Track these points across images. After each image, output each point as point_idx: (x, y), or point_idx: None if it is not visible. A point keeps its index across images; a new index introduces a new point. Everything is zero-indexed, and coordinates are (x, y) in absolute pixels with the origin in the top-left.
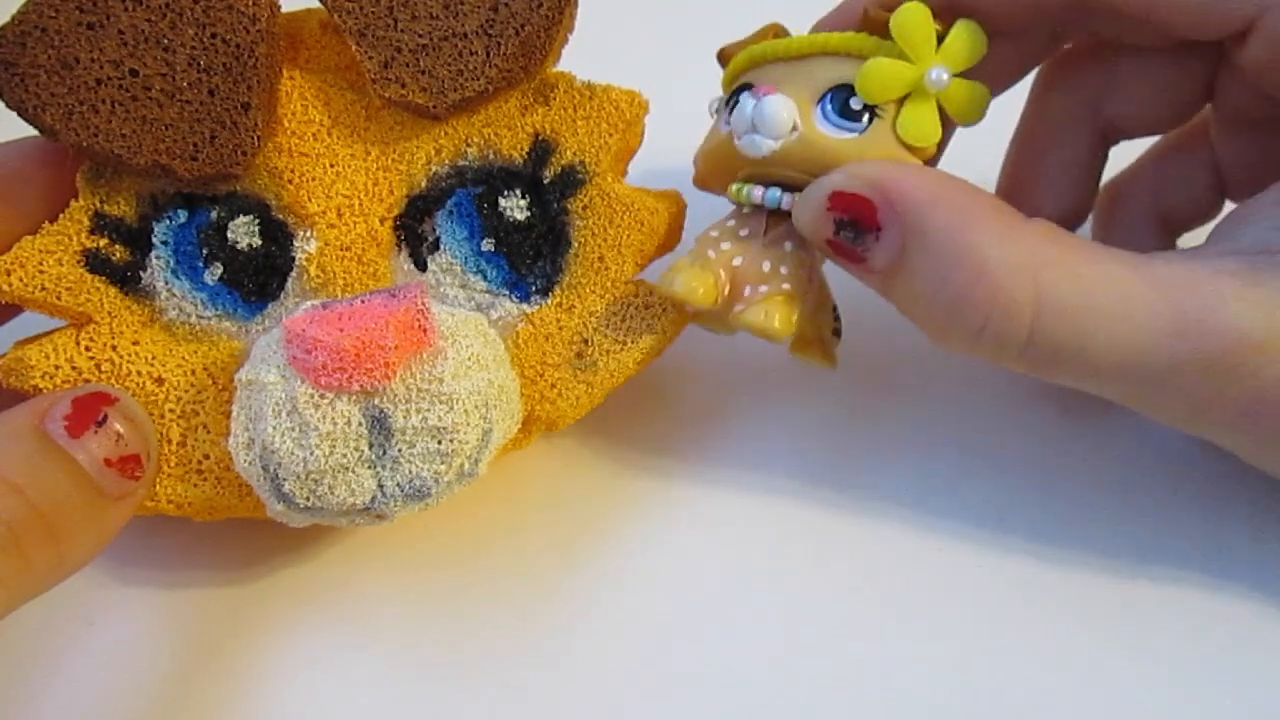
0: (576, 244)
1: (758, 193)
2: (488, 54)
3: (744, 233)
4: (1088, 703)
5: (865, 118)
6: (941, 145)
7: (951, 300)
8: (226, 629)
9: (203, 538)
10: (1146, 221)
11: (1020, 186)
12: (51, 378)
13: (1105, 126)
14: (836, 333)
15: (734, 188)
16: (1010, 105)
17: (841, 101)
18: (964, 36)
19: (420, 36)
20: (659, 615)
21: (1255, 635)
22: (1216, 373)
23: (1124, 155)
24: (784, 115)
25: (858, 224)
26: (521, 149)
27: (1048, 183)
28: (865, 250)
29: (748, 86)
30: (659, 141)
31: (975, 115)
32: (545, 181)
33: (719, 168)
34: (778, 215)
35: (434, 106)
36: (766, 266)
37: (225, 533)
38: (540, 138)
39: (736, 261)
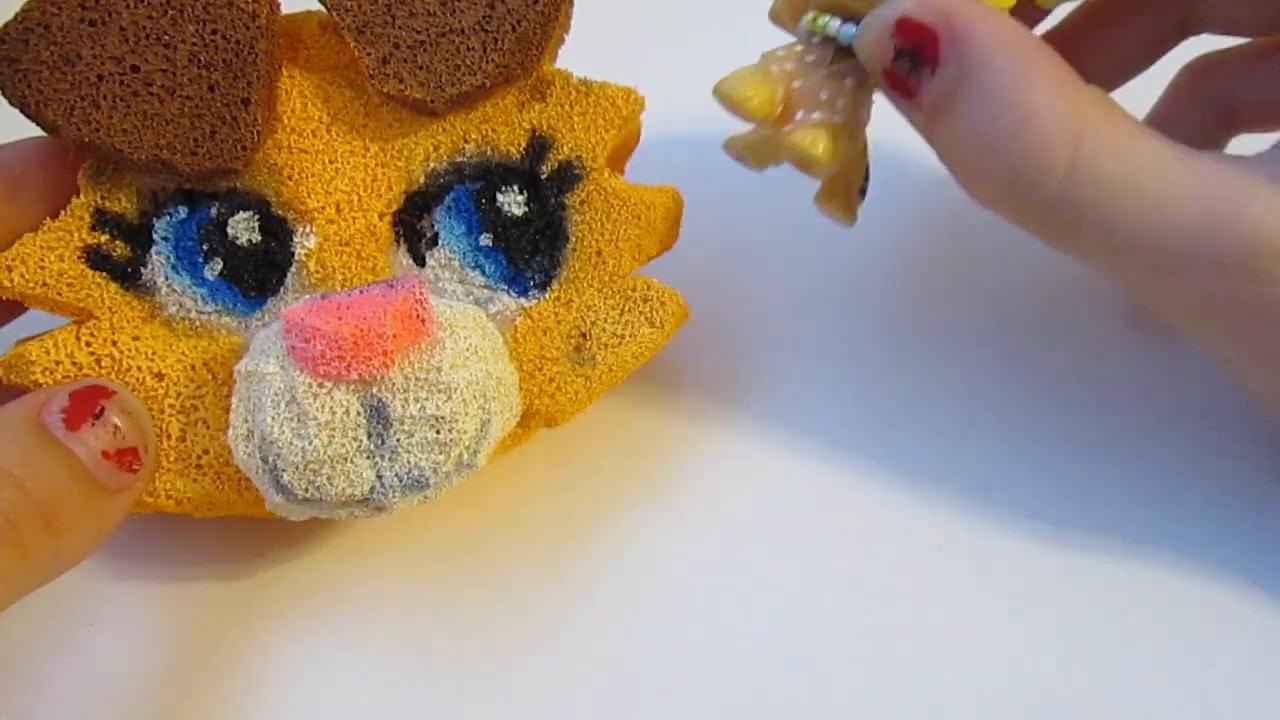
0: (574, 239)
1: (834, 24)
2: (485, 49)
3: (810, 59)
4: (1089, 701)
5: None
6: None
7: (991, 145)
8: (226, 626)
9: (202, 534)
10: (1212, 109)
11: (1078, 39)
12: (51, 373)
13: (1189, 16)
14: (863, 191)
15: (810, 15)
16: None
17: None
18: None
19: (418, 33)
20: (659, 611)
21: (1259, 634)
22: (1232, 271)
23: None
24: None
25: (918, 54)
26: (519, 145)
27: (1107, 45)
28: (918, 83)
29: None
30: (656, 138)
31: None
32: (543, 177)
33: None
34: (845, 50)
35: (432, 101)
36: (825, 95)
37: (225, 529)
38: (537, 134)
39: (796, 84)
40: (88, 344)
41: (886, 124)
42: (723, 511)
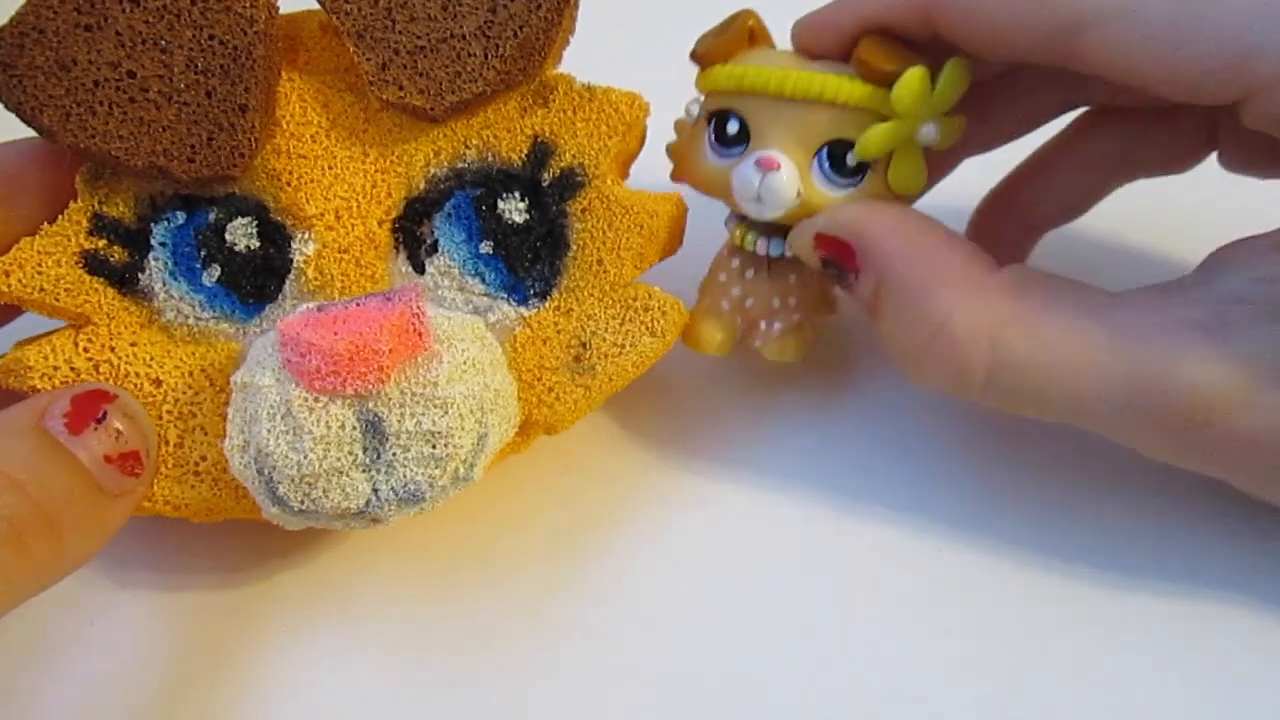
0: (575, 247)
1: (761, 244)
2: (486, 56)
3: (750, 273)
4: (1089, 703)
5: (859, 174)
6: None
7: (916, 348)
8: (226, 630)
9: (202, 539)
10: (1019, 225)
11: (1027, 184)
12: (50, 378)
13: (1124, 169)
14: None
15: (737, 234)
16: None
17: (837, 158)
18: (953, 79)
19: (418, 38)
20: (659, 617)
21: (1258, 638)
22: (1172, 426)
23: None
24: (789, 192)
25: (840, 264)
26: (520, 151)
27: (1055, 194)
28: (849, 284)
29: (730, 116)
30: (661, 144)
31: (951, 143)
32: (544, 184)
33: (707, 189)
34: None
35: (432, 109)
36: (776, 303)
37: (225, 534)
38: (539, 140)
39: (749, 303)
40: (85, 350)
41: None
42: (722, 515)
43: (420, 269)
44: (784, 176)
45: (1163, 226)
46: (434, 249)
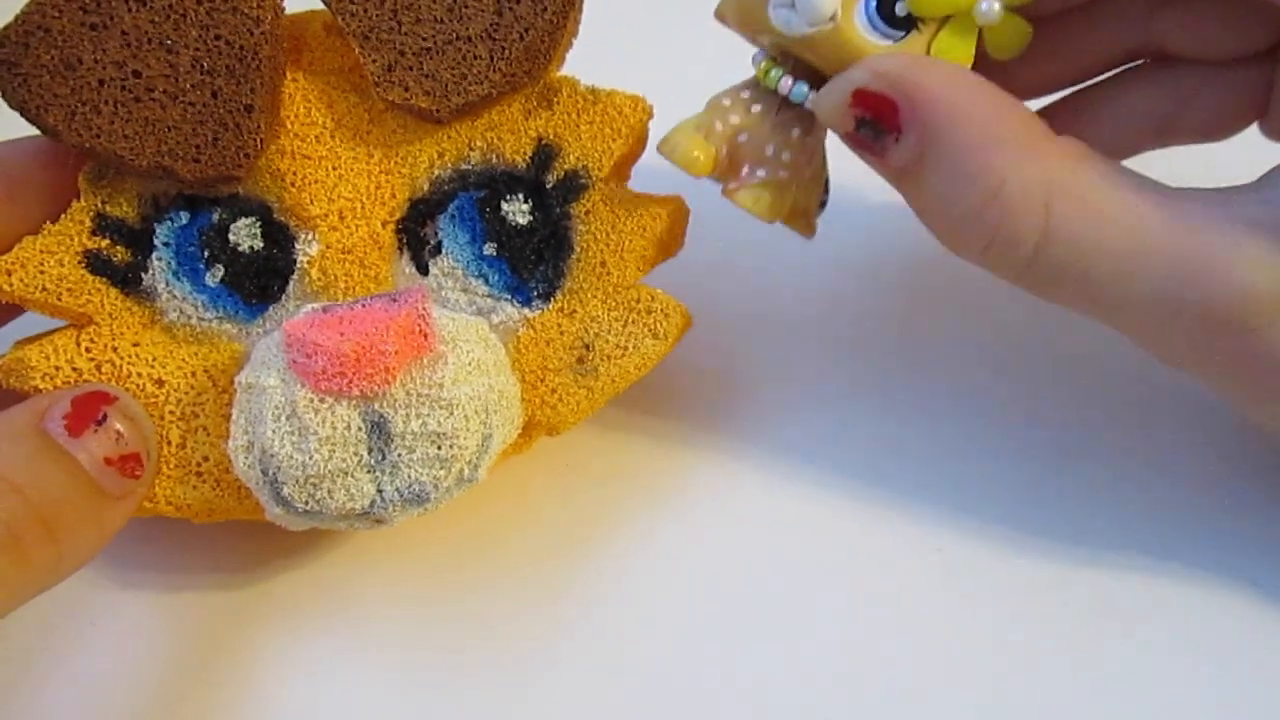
0: (579, 249)
1: (785, 82)
2: (491, 58)
3: (756, 108)
4: (1089, 702)
5: (905, 28)
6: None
7: (961, 216)
8: (227, 631)
9: (204, 540)
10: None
11: (1060, 124)
12: (51, 379)
13: (1161, 128)
14: (823, 204)
15: (763, 66)
16: None
17: (887, 3)
18: None
19: (424, 40)
20: (661, 619)
21: (1259, 636)
22: (1217, 325)
23: None
24: (828, 6)
25: (879, 124)
26: (524, 153)
27: (1087, 140)
28: (884, 149)
29: None
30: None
31: (1012, 52)
32: (548, 186)
33: (744, 15)
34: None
35: (437, 110)
36: (770, 150)
37: (227, 535)
38: (543, 142)
39: (741, 138)
40: (88, 350)
41: None
42: (723, 518)
43: (424, 270)
44: None
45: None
46: (438, 250)
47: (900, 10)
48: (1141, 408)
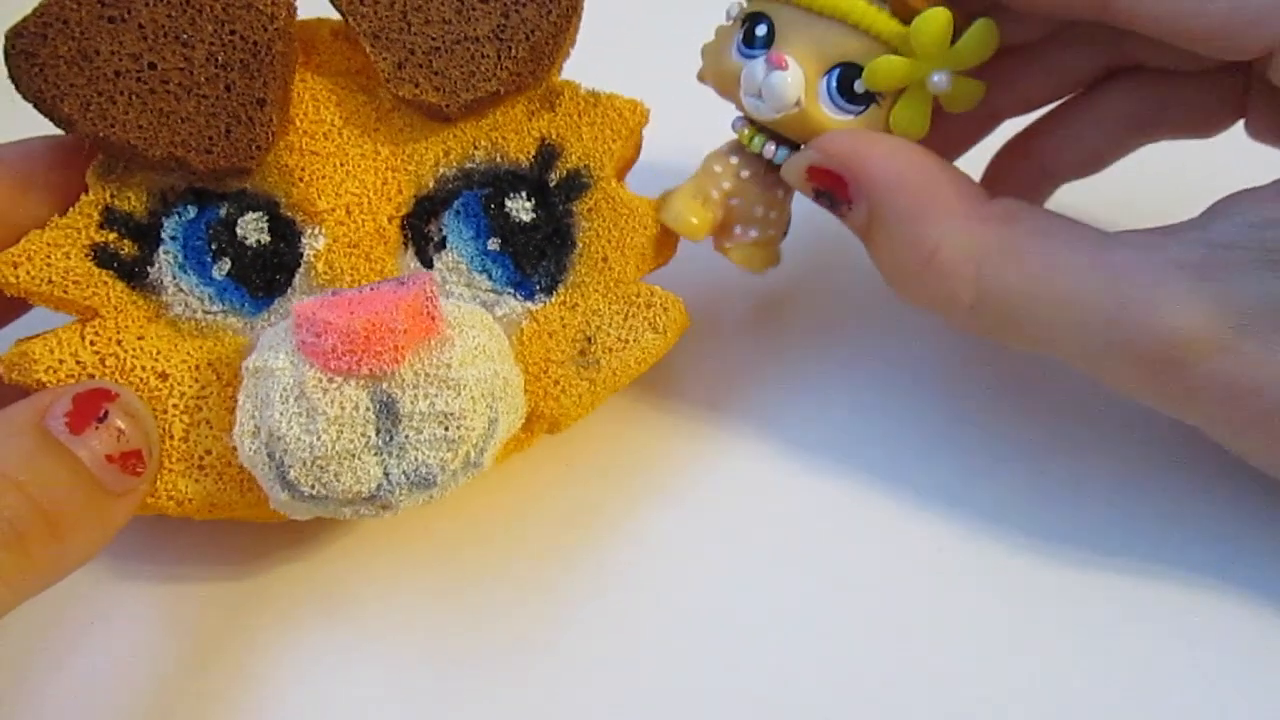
0: (581, 244)
1: (769, 148)
2: (499, 57)
3: (745, 174)
4: (1090, 702)
5: (864, 103)
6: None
7: (906, 275)
8: (229, 627)
9: (205, 536)
10: (1036, 172)
11: (1050, 131)
12: (55, 372)
13: (1148, 127)
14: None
15: (745, 134)
16: None
17: (846, 81)
18: (978, 37)
19: (433, 39)
20: (662, 612)
21: (1259, 636)
22: (1156, 365)
23: None
24: (791, 94)
25: (832, 195)
26: (528, 153)
27: (1076, 145)
28: (841, 214)
29: (761, 19)
30: (658, 149)
31: (966, 107)
32: (551, 184)
33: (722, 88)
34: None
35: (446, 106)
36: (759, 212)
37: (228, 531)
38: (546, 142)
39: (734, 201)
40: (92, 343)
41: None
42: (725, 512)
43: (428, 265)
44: (788, 77)
45: (1175, 192)
46: (442, 245)
47: (859, 88)
48: (1143, 407)
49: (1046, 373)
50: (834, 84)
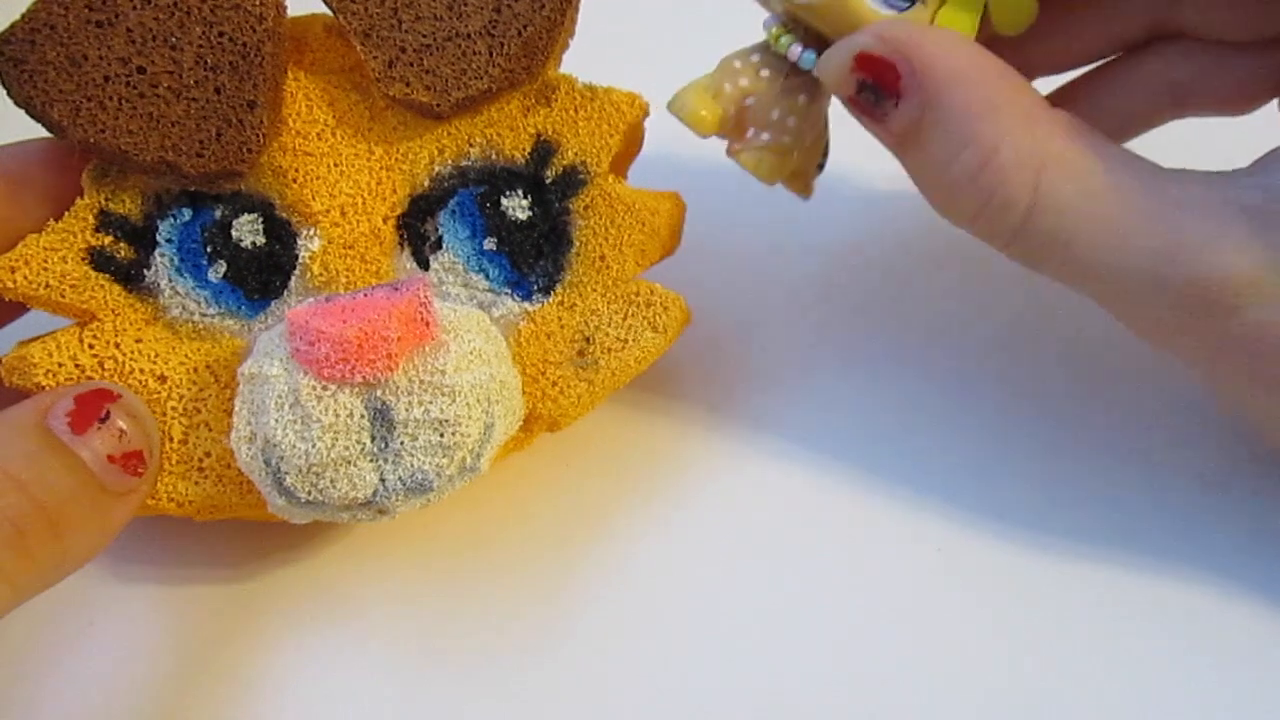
0: (578, 243)
1: (795, 49)
2: (490, 54)
3: (765, 73)
4: (1089, 702)
5: (910, 1)
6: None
7: (956, 180)
8: (228, 628)
9: (204, 537)
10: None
11: (1083, 94)
12: (54, 375)
13: (1181, 98)
14: (820, 167)
15: (774, 32)
16: None
17: None
18: None
19: (424, 36)
20: (661, 615)
21: (1260, 636)
22: (1198, 304)
23: None
24: None
25: (880, 88)
26: (524, 149)
27: (1108, 110)
28: (884, 113)
29: None
30: (660, 143)
31: (1018, 26)
32: (547, 182)
33: None
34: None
35: (438, 105)
36: (775, 115)
37: (227, 532)
38: (542, 138)
39: (749, 101)
40: (90, 346)
41: None
42: (723, 513)
43: (424, 265)
44: None
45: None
46: (438, 245)
47: None
48: (1144, 406)
49: (1047, 373)
50: None
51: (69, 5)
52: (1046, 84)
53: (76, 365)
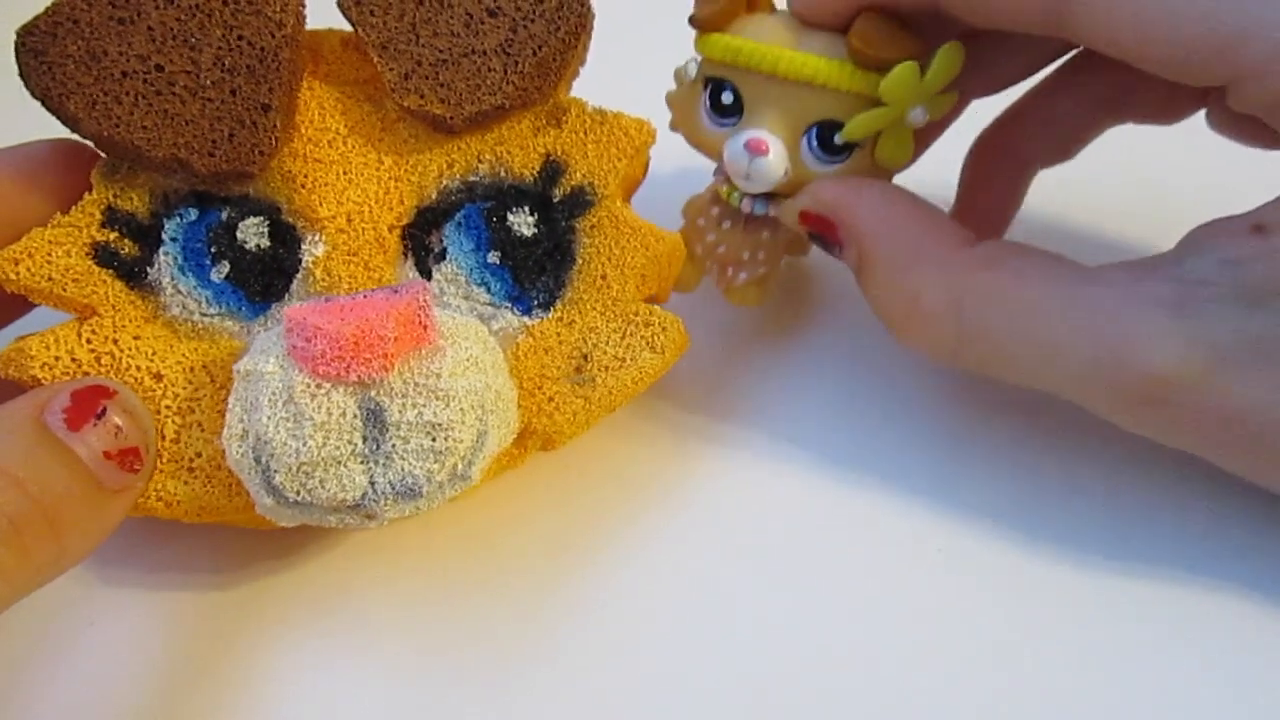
0: (581, 261)
1: (746, 203)
2: (505, 71)
3: (726, 224)
4: (1089, 702)
5: (846, 151)
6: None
7: (895, 319)
8: (226, 631)
9: (202, 540)
10: (1012, 161)
11: (1022, 119)
12: (51, 369)
13: (1114, 110)
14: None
15: (725, 190)
16: None
17: (825, 137)
18: (946, 64)
19: (440, 51)
20: (657, 620)
21: (1260, 636)
22: (1130, 401)
23: None
24: (777, 172)
25: (824, 238)
26: (532, 168)
27: (1048, 130)
28: (835, 255)
29: (725, 87)
30: (664, 170)
31: (941, 115)
32: (554, 200)
33: (701, 149)
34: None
35: (451, 118)
36: (746, 255)
37: (221, 536)
38: (551, 158)
39: (720, 249)
40: (88, 341)
41: None
42: (722, 516)
43: (427, 275)
44: (771, 159)
45: (1154, 211)
46: (441, 257)
47: (838, 140)
48: None
49: None
50: (814, 143)
51: (93, 2)
52: (1002, 100)
53: (73, 359)
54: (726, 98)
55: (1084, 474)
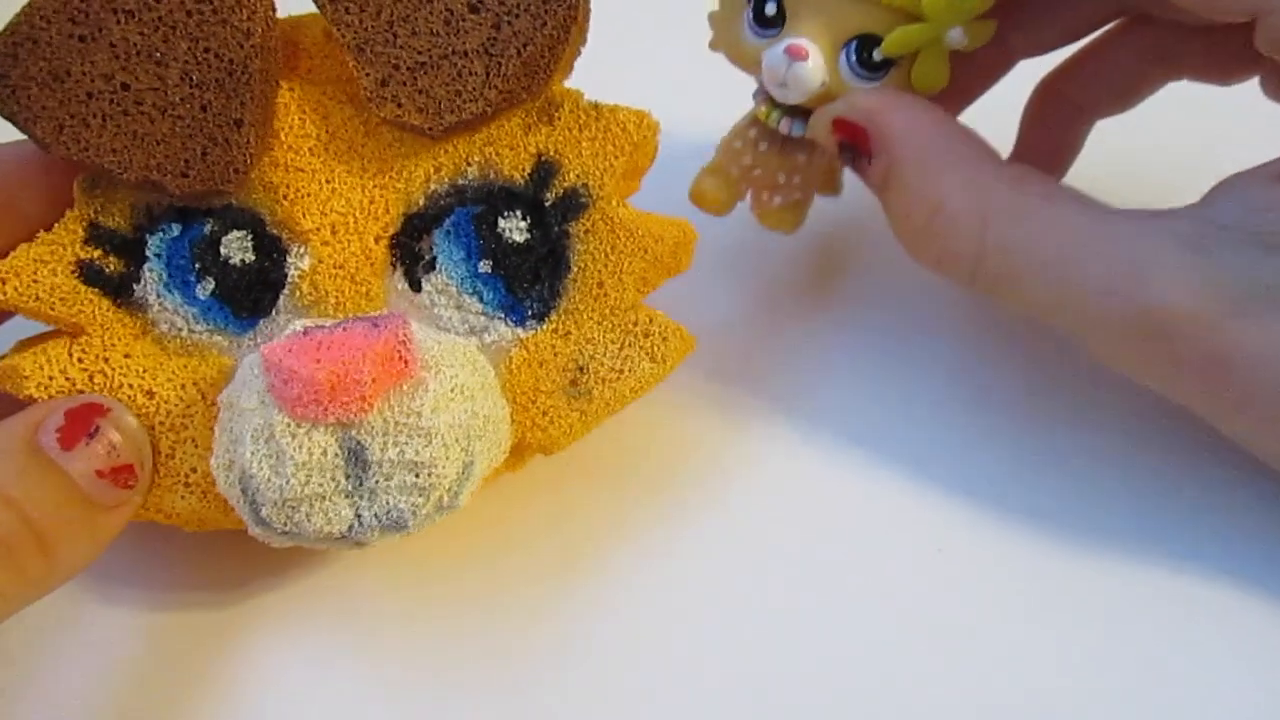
0: (576, 268)
1: (785, 124)
2: (487, 74)
3: (763, 146)
4: (1089, 702)
5: (883, 69)
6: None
7: (916, 228)
8: (217, 642)
9: (200, 547)
10: (1071, 108)
11: (1081, 67)
12: (46, 388)
13: (1171, 65)
14: (837, 192)
15: (763, 111)
16: None
17: (864, 52)
18: None
19: (419, 53)
20: (657, 628)
21: (1261, 635)
22: (1139, 331)
23: None
24: (815, 81)
25: (855, 148)
26: (523, 169)
27: (1106, 79)
28: (862, 168)
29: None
30: (671, 161)
31: (980, 45)
32: (547, 204)
33: (739, 63)
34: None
35: (430, 129)
36: (781, 179)
37: (217, 545)
38: (543, 158)
39: (756, 173)
40: (80, 360)
41: None
42: (721, 519)
43: (417, 286)
44: (810, 65)
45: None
46: (432, 266)
47: (877, 56)
48: (1144, 406)
49: (1050, 373)
50: (852, 57)
51: (51, 19)
52: (1046, 62)
53: (67, 379)
54: (770, 9)
55: (1086, 473)
